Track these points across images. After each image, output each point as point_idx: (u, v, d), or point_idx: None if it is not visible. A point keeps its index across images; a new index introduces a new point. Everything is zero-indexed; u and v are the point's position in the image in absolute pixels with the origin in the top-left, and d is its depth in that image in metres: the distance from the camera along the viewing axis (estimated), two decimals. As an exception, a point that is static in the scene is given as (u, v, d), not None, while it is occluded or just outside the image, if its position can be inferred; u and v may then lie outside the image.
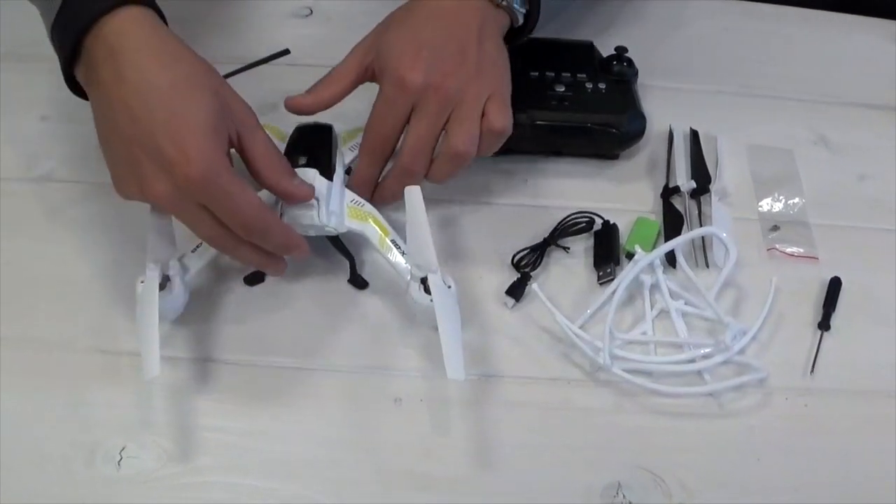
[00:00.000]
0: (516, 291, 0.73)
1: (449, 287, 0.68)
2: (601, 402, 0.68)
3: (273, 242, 0.67)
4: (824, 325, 0.73)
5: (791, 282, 0.76)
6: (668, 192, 0.80)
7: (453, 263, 0.75)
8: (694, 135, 0.85)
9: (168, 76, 0.63)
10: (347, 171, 0.75)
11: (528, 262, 0.75)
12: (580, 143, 0.82)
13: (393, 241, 0.71)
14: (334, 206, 0.70)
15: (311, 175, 0.70)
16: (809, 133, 0.88)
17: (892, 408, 0.70)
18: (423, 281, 0.68)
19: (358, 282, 0.73)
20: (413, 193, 0.68)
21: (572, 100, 0.81)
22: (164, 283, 0.68)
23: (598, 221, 0.77)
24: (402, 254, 0.70)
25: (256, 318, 0.72)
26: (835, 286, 0.75)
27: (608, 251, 0.76)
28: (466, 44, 0.73)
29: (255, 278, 0.73)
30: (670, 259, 0.75)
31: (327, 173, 0.71)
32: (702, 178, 0.81)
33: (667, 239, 0.76)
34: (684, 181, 0.81)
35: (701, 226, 0.78)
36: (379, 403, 0.68)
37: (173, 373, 0.68)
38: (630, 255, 0.75)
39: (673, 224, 0.78)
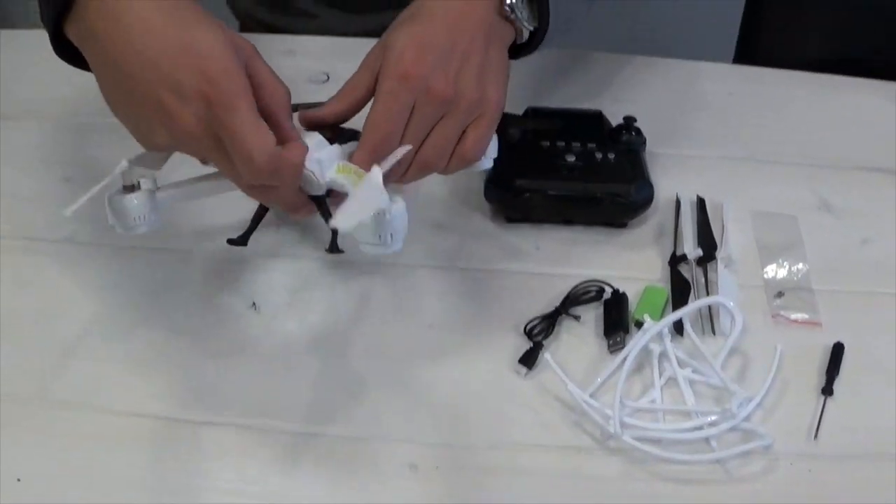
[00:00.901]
0: (529, 360, 0.76)
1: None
2: (611, 470, 0.71)
3: (283, 177, 0.67)
4: (827, 390, 0.76)
5: (795, 348, 0.78)
6: (676, 260, 0.84)
7: (466, 331, 0.79)
8: (700, 202, 0.89)
9: (170, 16, 0.65)
10: None
11: (540, 331, 0.78)
12: (590, 212, 0.86)
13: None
14: (323, 156, 0.69)
15: (311, 134, 0.71)
16: (813, 197, 0.92)
17: (894, 471, 0.72)
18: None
19: (335, 249, 0.75)
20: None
21: (582, 170, 0.85)
22: (134, 187, 0.70)
23: (608, 290, 0.81)
24: None
25: (267, 383, 0.75)
26: (838, 351, 0.78)
27: (618, 320, 0.79)
28: (471, 48, 0.72)
29: (238, 240, 0.77)
30: (678, 327, 0.78)
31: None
32: (708, 245, 0.85)
33: (674, 306, 0.80)
34: (691, 249, 0.85)
35: (708, 293, 0.82)
36: (394, 470, 0.71)
37: (193, 434, 0.71)
38: (639, 324, 0.78)
39: (680, 292, 0.81)
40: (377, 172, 0.67)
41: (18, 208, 0.88)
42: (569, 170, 0.85)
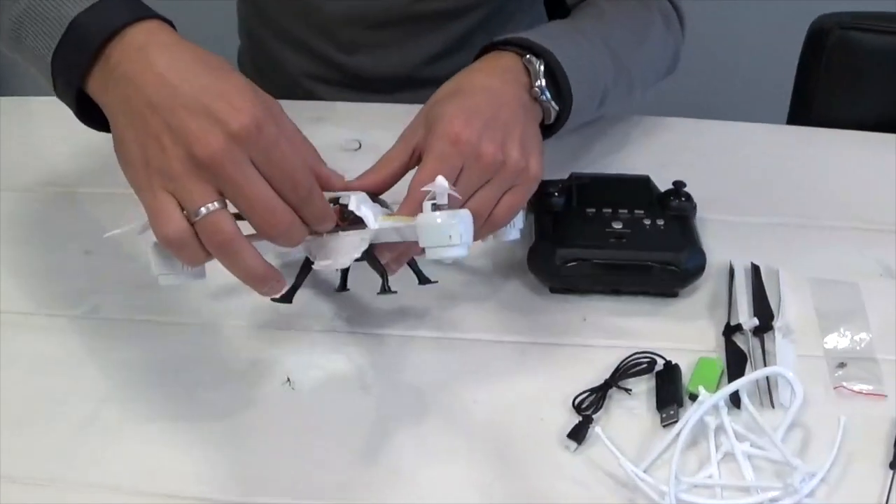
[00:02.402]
0: (578, 434, 0.79)
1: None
2: (668, 548, 0.75)
3: (314, 208, 0.73)
4: (895, 464, 0.79)
5: (859, 420, 0.81)
6: (730, 330, 0.88)
7: (512, 406, 0.83)
8: (755, 269, 0.94)
9: (202, 61, 0.72)
10: None
11: (590, 405, 0.82)
12: (639, 282, 0.91)
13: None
14: (370, 209, 0.78)
15: (355, 192, 0.78)
16: (874, 263, 0.96)
17: (965, 548, 0.75)
18: (434, 206, 0.74)
19: (387, 290, 0.82)
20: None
21: (630, 237, 0.90)
22: None
23: (660, 362, 0.85)
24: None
25: (303, 460, 0.79)
26: (905, 424, 0.82)
27: (671, 392, 0.83)
28: (513, 119, 0.83)
29: (283, 298, 0.82)
30: (734, 399, 0.82)
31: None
32: (764, 314, 0.89)
33: (730, 378, 0.83)
34: (746, 318, 0.89)
35: (765, 364, 0.86)
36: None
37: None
38: (693, 396, 0.82)
39: (736, 363, 0.85)
40: (443, 181, 0.74)
41: (38, 283, 0.95)
42: (616, 237, 0.90)
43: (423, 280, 0.86)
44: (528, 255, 0.92)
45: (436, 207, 0.74)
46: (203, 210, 0.69)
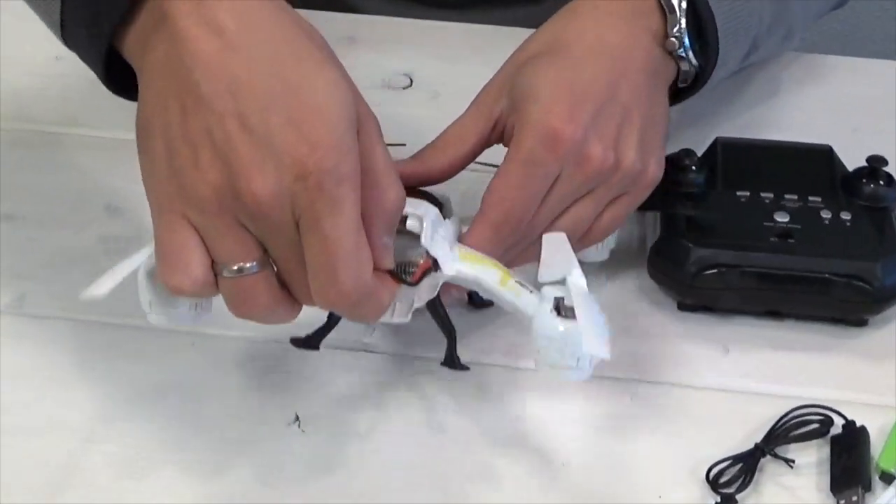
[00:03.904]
0: None
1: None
2: None
3: (363, 312, 0.71)
4: None
5: None
6: (946, 382, 0.82)
7: (619, 473, 0.80)
8: (984, 293, 0.88)
9: (287, 39, 0.67)
10: None
11: (733, 479, 0.78)
12: (811, 301, 0.87)
13: (518, 283, 0.75)
14: (441, 243, 0.76)
15: (419, 203, 0.76)
16: None
17: None
18: (557, 305, 0.72)
19: (456, 363, 0.81)
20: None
21: (801, 236, 0.86)
22: None
23: (838, 421, 0.80)
24: (530, 293, 0.75)
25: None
26: None
27: (853, 468, 0.78)
28: (635, 98, 0.81)
29: (306, 341, 0.82)
30: (950, 486, 0.76)
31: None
32: None
33: (943, 455, 0.78)
34: (970, 365, 0.83)
35: None
36: None
37: None
38: (888, 477, 0.77)
39: (952, 431, 0.79)
40: (580, 276, 0.74)
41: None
42: (779, 235, 0.86)
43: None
44: (650, 256, 0.89)
45: (558, 305, 0.72)
46: (235, 268, 0.67)
